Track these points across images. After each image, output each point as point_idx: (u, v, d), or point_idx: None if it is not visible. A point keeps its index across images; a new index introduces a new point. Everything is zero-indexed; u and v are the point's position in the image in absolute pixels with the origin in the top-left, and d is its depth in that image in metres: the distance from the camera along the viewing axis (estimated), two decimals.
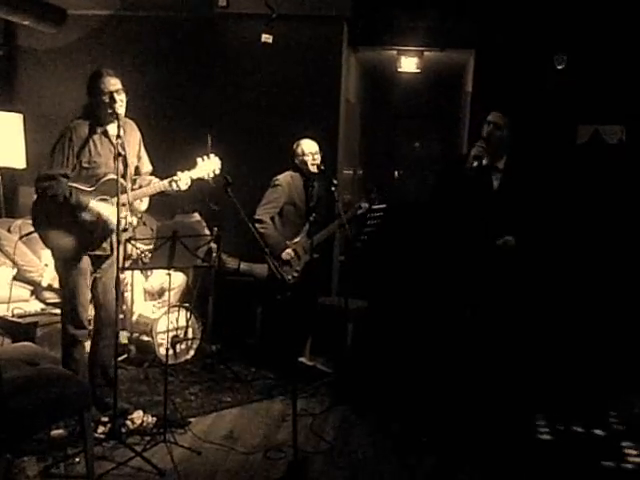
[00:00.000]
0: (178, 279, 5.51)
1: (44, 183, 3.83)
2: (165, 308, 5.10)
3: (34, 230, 4.07)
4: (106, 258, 4.03)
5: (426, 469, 3.71)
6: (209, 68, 6.29)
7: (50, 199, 3.83)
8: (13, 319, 4.64)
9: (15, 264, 5.15)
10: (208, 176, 4.06)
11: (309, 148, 5.02)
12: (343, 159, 6.72)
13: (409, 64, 6.80)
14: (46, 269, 5.14)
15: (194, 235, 4.00)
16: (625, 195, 5.80)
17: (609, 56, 5.82)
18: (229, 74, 6.28)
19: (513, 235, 4.22)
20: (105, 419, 3.89)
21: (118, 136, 3.76)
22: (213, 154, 4.10)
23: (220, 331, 5.48)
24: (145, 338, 5.14)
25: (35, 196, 3.94)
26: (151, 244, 4.05)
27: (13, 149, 5.81)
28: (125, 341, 5.16)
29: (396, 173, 9.91)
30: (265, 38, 5.76)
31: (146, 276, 5.46)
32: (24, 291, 5.11)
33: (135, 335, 5.22)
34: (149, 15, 6.30)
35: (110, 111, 3.86)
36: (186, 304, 5.31)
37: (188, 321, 5.23)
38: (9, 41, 6.55)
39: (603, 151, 5.97)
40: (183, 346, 5.22)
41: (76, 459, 3.51)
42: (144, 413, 4.04)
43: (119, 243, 3.71)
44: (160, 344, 5.03)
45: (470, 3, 6.03)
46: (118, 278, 3.71)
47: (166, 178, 4.02)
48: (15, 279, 5.09)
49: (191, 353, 5.28)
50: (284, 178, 5.06)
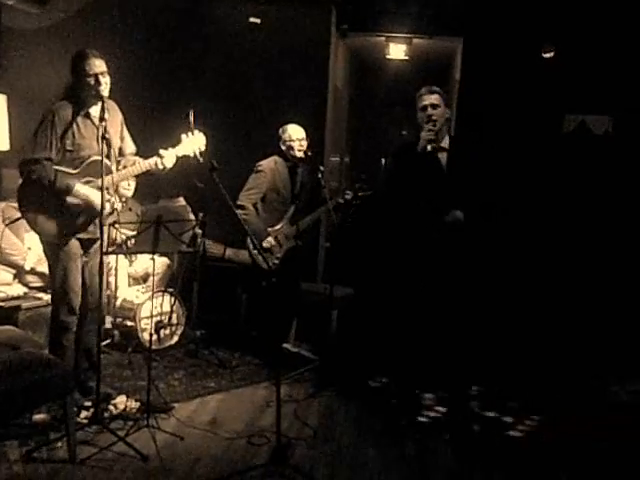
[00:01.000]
0: (162, 264, 5.48)
1: (28, 167, 3.80)
2: (149, 293, 5.08)
3: (21, 215, 4.01)
4: (94, 242, 3.99)
5: (409, 455, 3.73)
6: (195, 51, 6.22)
7: (35, 183, 3.79)
8: None
9: None
10: (194, 153, 4.02)
11: (296, 134, 4.99)
12: (330, 146, 6.70)
13: (398, 51, 6.76)
14: (29, 252, 5.09)
15: (179, 220, 3.97)
16: (610, 186, 5.82)
17: (597, 46, 5.82)
18: (215, 58, 6.22)
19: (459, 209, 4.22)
20: (88, 404, 3.88)
21: (102, 118, 3.71)
22: (197, 130, 4.06)
23: (205, 317, 5.47)
24: (129, 323, 5.12)
25: (20, 180, 3.90)
26: (136, 229, 4.02)
27: None
28: (109, 326, 5.15)
29: (383, 160, 9.88)
30: (253, 19, 5.71)
31: (130, 261, 5.43)
32: (7, 275, 5.06)
33: (119, 320, 5.20)
34: None
35: (94, 93, 3.82)
36: (171, 289, 5.29)
37: (172, 306, 5.21)
38: None
39: (589, 141, 5.98)
40: (167, 331, 5.21)
41: (58, 443, 3.50)
42: (127, 398, 4.03)
43: (102, 227, 3.67)
44: (144, 329, 5.01)
45: None
46: (102, 262, 3.68)
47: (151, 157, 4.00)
48: None
49: (175, 338, 5.27)
50: (267, 164, 5.03)
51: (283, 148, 5.04)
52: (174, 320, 5.24)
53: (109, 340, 5.11)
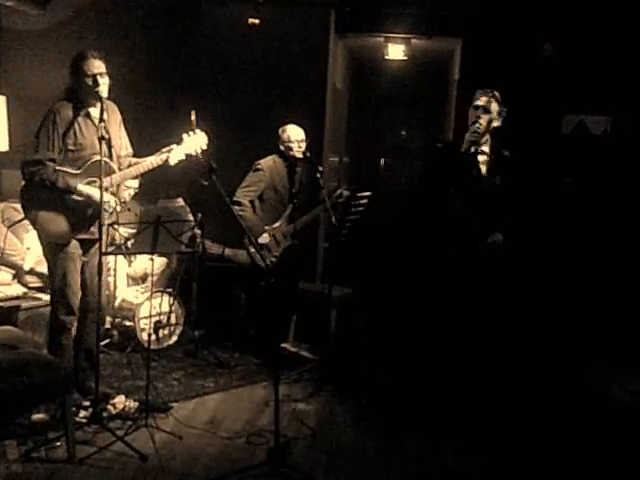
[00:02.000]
0: (161, 264, 5.48)
1: (31, 168, 3.81)
2: (148, 293, 5.09)
3: (24, 215, 4.02)
4: (94, 242, 4.00)
5: (408, 455, 3.74)
6: (195, 53, 6.24)
7: (38, 184, 3.80)
8: None
9: None
10: (196, 152, 4.03)
11: (295, 135, 5.01)
12: (329, 146, 6.71)
13: (396, 51, 6.78)
14: (28, 253, 5.09)
15: (178, 220, 3.98)
16: (609, 186, 5.83)
17: (596, 46, 5.83)
18: (215, 59, 6.23)
19: (500, 229, 4.22)
20: (87, 403, 3.89)
21: (101, 119, 3.73)
22: (199, 129, 4.07)
23: (203, 317, 5.47)
24: (128, 323, 5.13)
25: (23, 182, 3.91)
26: (135, 229, 4.03)
27: None
28: (108, 326, 5.15)
29: (382, 161, 9.90)
30: (252, 20, 5.72)
31: (129, 261, 5.43)
32: (6, 275, 5.06)
33: (118, 320, 5.20)
34: None
35: (93, 94, 3.83)
36: (169, 289, 5.30)
37: (171, 306, 5.21)
38: None
39: (588, 142, 5.99)
40: (166, 331, 5.22)
41: (57, 443, 3.50)
42: (126, 398, 4.03)
43: (101, 227, 3.68)
44: (143, 329, 5.02)
45: None
46: (101, 263, 3.69)
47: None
48: None
49: (174, 338, 5.28)
50: (266, 162, 5.04)
51: (282, 148, 5.06)
52: (173, 320, 5.25)
53: (108, 340, 5.11)
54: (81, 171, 3.90)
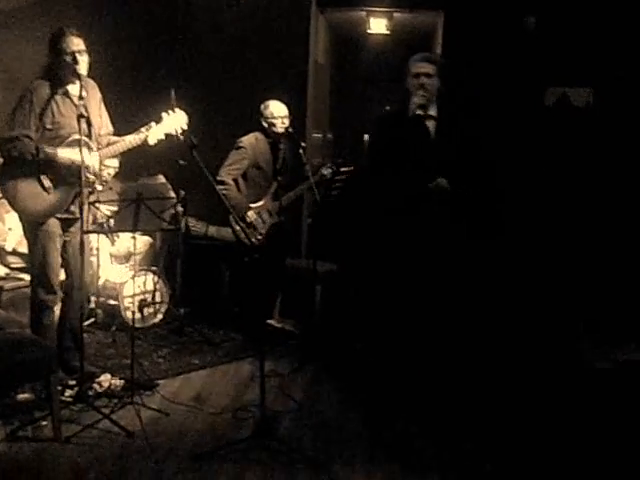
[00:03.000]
0: (145, 243, 5.47)
1: (8, 145, 3.77)
2: (132, 272, 5.08)
3: (1, 194, 3.99)
4: (74, 221, 3.98)
5: (395, 430, 3.77)
6: (174, 28, 6.16)
7: (16, 160, 3.77)
8: None
9: None
10: (176, 131, 4.00)
11: (278, 111, 4.97)
12: (312, 122, 6.67)
13: (378, 25, 6.74)
14: (10, 233, 5.05)
15: (159, 197, 3.96)
16: (592, 158, 5.85)
17: (579, 19, 5.81)
18: (194, 34, 6.15)
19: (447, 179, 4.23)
20: (72, 382, 3.89)
21: (80, 97, 3.71)
22: (178, 108, 4.04)
23: (188, 294, 5.48)
24: (112, 302, 5.12)
25: (0, 160, 3.87)
26: (116, 208, 4.01)
27: None
28: (92, 305, 5.15)
29: (366, 136, 9.86)
30: None
31: (112, 240, 5.41)
32: None
33: (102, 299, 5.19)
34: None
35: (72, 71, 3.78)
36: (154, 268, 5.29)
37: (156, 285, 5.21)
38: None
39: (570, 114, 6.00)
40: (151, 310, 5.22)
41: (43, 422, 3.51)
42: (112, 376, 4.04)
43: (82, 206, 3.66)
44: (127, 308, 5.02)
45: None
46: (83, 241, 3.67)
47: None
48: None
49: (159, 316, 5.28)
50: (248, 140, 5.02)
51: (265, 125, 5.02)
52: (158, 298, 5.25)
53: (92, 319, 5.10)
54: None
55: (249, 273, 4.91)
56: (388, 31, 6.87)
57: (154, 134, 3.96)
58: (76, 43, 3.81)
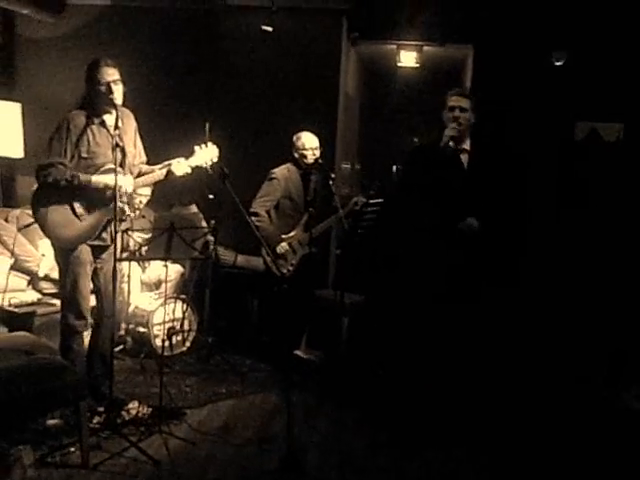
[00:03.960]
0: (175, 271, 5.51)
1: (44, 171, 3.84)
2: (162, 300, 5.11)
3: (34, 220, 4.06)
4: (105, 249, 4.04)
5: (418, 461, 3.73)
6: (208, 60, 6.27)
7: (51, 186, 3.84)
8: (10, 309, 4.65)
9: (12, 254, 5.15)
10: (206, 164, 4.06)
11: (310, 143, 5.02)
12: (341, 153, 6.72)
13: (408, 58, 6.78)
14: (43, 259, 5.13)
15: (191, 227, 4.00)
16: (622, 193, 5.81)
17: (608, 53, 5.82)
18: (228, 66, 6.26)
19: (478, 218, 4.22)
20: (101, 409, 3.91)
21: (116, 126, 3.78)
22: (211, 142, 4.10)
23: (216, 323, 5.49)
24: (141, 329, 5.15)
25: (35, 185, 3.95)
26: (149, 235, 4.06)
27: (11, 138, 5.80)
28: (122, 332, 5.18)
29: (394, 168, 9.89)
30: (265, 27, 5.76)
31: (143, 267, 5.46)
32: (21, 281, 5.11)
33: (131, 326, 5.23)
34: (148, 6, 6.29)
35: (107, 101, 3.87)
36: (183, 296, 5.32)
37: (184, 313, 5.24)
38: (8, 30, 6.53)
39: (600, 148, 5.98)
40: (179, 338, 5.24)
41: (71, 448, 3.52)
42: (140, 404, 4.05)
43: (116, 233, 3.71)
44: (156, 335, 5.05)
45: None
46: (115, 269, 3.72)
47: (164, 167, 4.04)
48: (12, 269, 5.09)
49: (187, 345, 5.30)
50: (281, 171, 5.06)
51: (296, 156, 5.07)
52: (186, 326, 5.27)
53: (122, 346, 5.14)
54: None
55: (278, 303, 4.92)
56: (418, 64, 6.91)
57: (181, 167, 4.03)
58: (111, 73, 3.89)
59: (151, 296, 5.42)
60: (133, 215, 4.10)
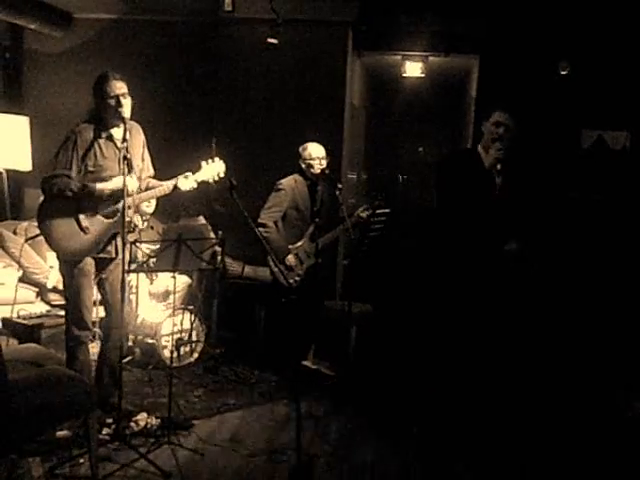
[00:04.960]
0: (182, 282, 5.52)
1: (49, 183, 3.86)
2: (169, 311, 5.12)
3: (39, 232, 4.08)
4: (110, 261, 4.05)
5: (429, 473, 3.72)
6: (214, 72, 6.31)
7: (56, 198, 3.86)
8: (19, 320, 4.67)
9: (21, 266, 5.18)
10: (212, 179, 4.08)
11: (316, 153, 5.03)
12: (347, 163, 6.74)
13: (414, 69, 6.82)
14: (51, 271, 5.16)
15: (199, 238, 4.01)
16: (627, 201, 5.81)
17: (613, 62, 5.83)
18: (234, 79, 6.30)
19: (516, 237, 4.20)
20: (110, 420, 3.91)
21: (124, 140, 3.79)
22: (217, 158, 4.12)
23: (224, 334, 5.49)
24: (149, 340, 5.16)
25: (42, 198, 3.97)
26: (157, 247, 4.07)
27: (19, 151, 5.84)
28: (130, 343, 5.19)
29: (400, 177, 9.92)
30: (271, 40, 5.79)
31: (151, 279, 5.47)
32: (29, 293, 5.14)
33: (139, 337, 5.24)
34: (154, 19, 6.34)
35: (115, 114, 3.89)
36: (190, 307, 5.33)
37: (192, 324, 5.24)
38: (16, 44, 6.59)
39: (607, 157, 5.98)
40: (187, 349, 5.24)
41: (80, 460, 3.53)
42: (148, 415, 4.05)
43: (124, 245, 3.72)
44: (164, 346, 5.05)
45: (475, 9, 6.05)
46: (124, 281, 3.72)
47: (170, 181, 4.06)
48: (21, 281, 5.12)
49: (195, 356, 5.30)
50: (288, 182, 5.07)
51: (303, 166, 5.08)
52: (194, 337, 5.28)
53: (130, 357, 5.14)
54: None
55: (285, 314, 4.92)
56: (423, 74, 6.94)
57: (189, 183, 4.04)
58: (119, 87, 3.92)
59: (159, 307, 5.42)
60: (139, 222, 4.11)
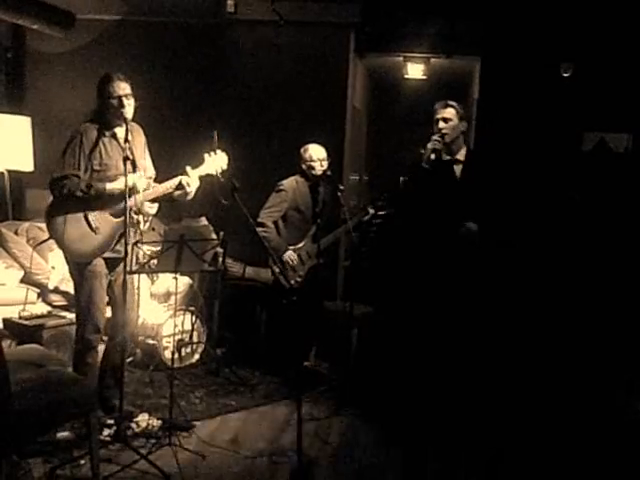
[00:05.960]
0: (184, 283, 5.51)
1: (59, 184, 3.85)
2: (171, 312, 5.12)
3: (49, 234, 4.06)
4: (119, 261, 4.03)
5: (430, 475, 3.71)
6: (216, 74, 6.32)
7: (66, 199, 3.85)
8: (20, 321, 4.66)
9: (22, 267, 5.17)
10: (216, 172, 4.07)
11: (317, 154, 5.03)
12: (349, 165, 6.74)
13: (416, 70, 6.82)
14: (53, 272, 5.16)
15: (201, 239, 4.01)
16: (629, 203, 5.80)
17: (615, 64, 5.83)
18: (236, 80, 6.31)
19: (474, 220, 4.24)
20: (111, 422, 3.90)
21: (126, 140, 3.79)
22: (220, 149, 4.11)
23: (225, 335, 5.49)
24: (150, 341, 5.15)
25: (50, 199, 3.95)
26: (159, 248, 4.06)
27: (21, 152, 5.84)
28: (131, 344, 5.18)
29: (401, 179, 9.90)
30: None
31: (152, 280, 5.47)
32: (31, 293, 5.13)
33: (141, 338, 5.23)
34: (157, 20, 6.34)
35: (118, 115, 3.89)
36: (192, 308, 5.33)
37: (193, 325, 5.24)
38: (18, 44, 6.59)
39: (609, 159, 5.97)
40: (188, 350, 5.24)
41: (82, 461, 3.52)
42: (149, 416, 4.05)
43: (127, 246, 3.72)
44: (165, 347, 5.05)
45: (476, 10, 6.05)
46: (126, 281, 3.72)
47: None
48: (22, 281, 5.12)
49: (196, 357, 5.30)
50: (289, 183, 5.07)
51: (304, 167, 5.08)
52: (195, 338, 5.27)
53: (131, 358, 5.14)
54: None
55: (286, 315, 4.92)
56: (425, 76, 6.95)
57: (194, 177, 4.03)
58: (123, 87, 3.92)
59: (160, 308, 5.42)
60: (143, 222, 4.10)
